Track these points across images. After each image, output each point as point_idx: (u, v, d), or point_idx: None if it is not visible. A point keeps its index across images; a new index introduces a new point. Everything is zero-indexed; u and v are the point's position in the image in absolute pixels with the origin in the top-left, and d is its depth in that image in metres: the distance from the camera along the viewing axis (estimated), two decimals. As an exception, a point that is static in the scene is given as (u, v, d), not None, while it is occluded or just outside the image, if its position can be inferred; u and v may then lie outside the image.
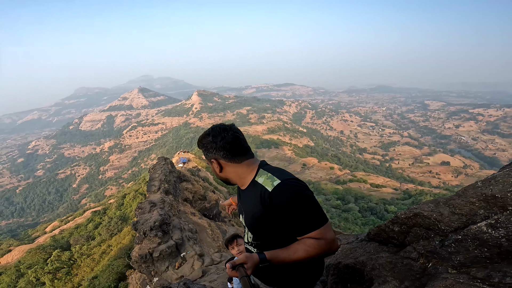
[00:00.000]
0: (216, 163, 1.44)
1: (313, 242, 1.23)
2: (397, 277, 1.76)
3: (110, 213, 36.56)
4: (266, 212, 1.32)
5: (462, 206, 1.70)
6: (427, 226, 1.85)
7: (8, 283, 26.10)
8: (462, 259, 1.54)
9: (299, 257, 1.24)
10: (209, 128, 1.45)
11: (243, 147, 1.42)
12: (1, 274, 28.65)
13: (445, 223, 1.74)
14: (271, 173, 1.35)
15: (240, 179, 1.46)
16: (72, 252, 27.44)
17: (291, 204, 1.24)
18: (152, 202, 16.47)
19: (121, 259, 16.44)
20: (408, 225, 1.99)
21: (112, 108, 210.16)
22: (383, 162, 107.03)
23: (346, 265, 2.21)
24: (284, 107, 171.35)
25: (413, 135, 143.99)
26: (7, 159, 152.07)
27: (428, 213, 1.84)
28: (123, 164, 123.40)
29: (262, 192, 1.31)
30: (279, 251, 1.27)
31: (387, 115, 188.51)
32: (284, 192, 1.26)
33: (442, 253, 1.68)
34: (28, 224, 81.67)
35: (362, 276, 2.06)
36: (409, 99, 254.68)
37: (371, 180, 64.90)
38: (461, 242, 1.58)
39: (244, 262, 1.20)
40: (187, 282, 4.87)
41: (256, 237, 1.49)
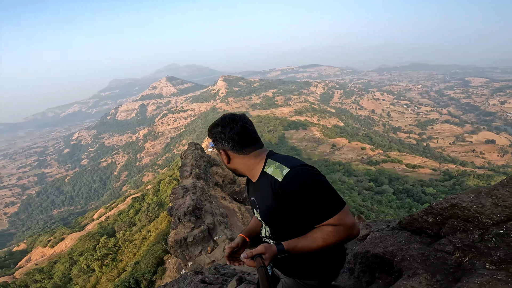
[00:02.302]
0: (224, 154, 1.41)
1: (331, 229, 1.19)
2: (428, 270, 1.65)
3: (148, 199, 38.16)
4: (280, 203, 1.28)
5: (506, 198, 1.53)
6: (465, 218, 1.67)
7: (63, 271, 28.69)
8: (502, 254, 1.45)
9: (317, 246, 1.21)
10: (219, 118, 1.41)
11: (252, 138, 1.38)
12: (56, 262, 31.70)
13: (486, 216, 1.57)
14: (279, 162, 1.31)
15: (249, 171, 1.42)
16: (117, 238, 29.27)
17: (304, 192, 1.20)
18: (185, 188, 16.96)
19: (159, 244, 17.27)
20: (444, 216, 1.82)
21: (143, 97, 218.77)
22: (420, 141, 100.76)
23: (374, 254, 2.13)
24: (310, 88, 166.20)
25: (454, 112, 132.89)
26: (54, 150, 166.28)
27: (467, 204, 1.66)
28: (157, 150, 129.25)
29: (272, 183, 1.28)
30: (297, 240, 1.25)
31: (423, 92, 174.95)
32: (295, 180, 1.22)
33: (481, 248, 1.55)
34: (78, 212, 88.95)
35: (391, 266, 1.96)
36: (447, 76, 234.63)
37: (407, 160, 61.57)
38: (502, 237, 1.47)
39: (262, 253, 1.19)
40: (218, 266, 4.90)
41: (273, 230, 1.45)
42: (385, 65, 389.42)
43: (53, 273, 29.56)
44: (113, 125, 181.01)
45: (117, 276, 20.06)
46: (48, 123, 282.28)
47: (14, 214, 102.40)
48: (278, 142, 73.34)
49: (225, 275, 4.14)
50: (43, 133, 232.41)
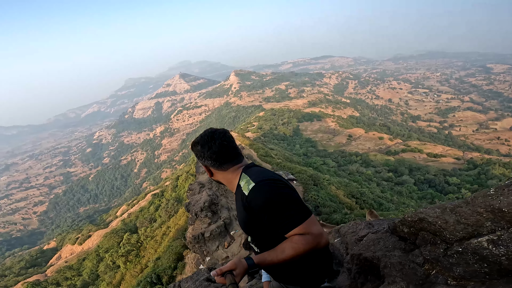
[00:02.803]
0: (206, 169, 1.56)
1: (299, 238, 1.21)
2: (405, 279, 1.75)
3: (167, 195, 38.96)
4: (250, 216, 1.36)
5: (468, 216, 1.61)
6: (433, 231, 1.76)
7: (91, 268, 29.97)
8: (462, 271, 1.53)
9: (287, 256, 1.21)
10: (199, 135, 1.52)
11: (229, 155, 1.48)
12: (84, 259, 33.07)
13: (449, 232, 1.65)
14: (249, 176, 1.39)
15: (229, 184, 1.54)
16: (139, 234, 30.24)
17: (267, 204, 1.26)
18: (201, 183, 17.14)
19: (178, 240, 17.63)
20: (416, 228, 1.89)
21: (158, 95, 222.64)
22: (441, 130, 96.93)
23: (365, 258, 2.22)
24: (323, 79, 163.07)
25: (476, 99, 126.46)
26: (77, 150, 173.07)
27: (433, 219, 1.75)
28: (174, 147, 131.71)
29: (242, 196, 1.38)
30: (266, 253, 1.27)
31: (442, 80, 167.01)
32: (259, 193, 1.29)
33: (444, 262, 1.64)
34: (102, 209, 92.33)
35: (379, 271, 2.03)
36: (467, 63, 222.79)
37: (428, 150, 59.38)
38: (462, 254, 1.55)
39: (233, 269, 1.19)
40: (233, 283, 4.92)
41: (251, 238, 1.56)
42: (400, 54, 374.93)
43: (82, 270, 30.92)
44: (131, 123, 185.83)
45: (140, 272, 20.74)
46: (70, 123, 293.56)
47: (43, 213, 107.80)
48: (292, 135, 72.67)
49: None
50: (66, 134, 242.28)
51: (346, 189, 27.56)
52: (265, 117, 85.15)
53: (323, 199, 19.96)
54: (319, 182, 25.42)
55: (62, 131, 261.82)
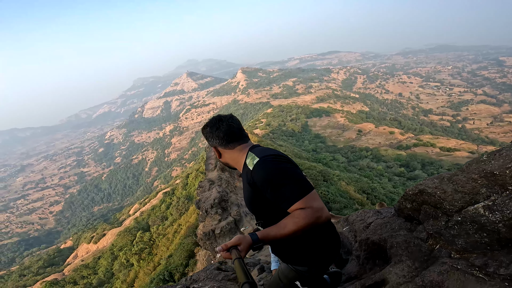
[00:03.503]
0: (215, 150, 1.64)
1: (300, 212, 1.23)
2: (411, 257, 1.71)
3: (178, 193, 39.29)
4: (254, 191, 1.43)
5: (464, 184, 1.58)
6: (434, 204, 1.72)
7: (106, 266, 30.58)
8: (463, 243, 1.52)
9: (290, 230, 1.22)
10: (209, 120, 1.63)
11: (236, 135, 1.56)
12: (100, 258, 33.76)
13: (449, 202, 1.62)
14: (254, 153, 1.45)
15: (236, 163, 1.60)
16: (151, 232, 30.67)
17: (270, 177, 1.31)
18: (211, 180, 17.22)
19: (189, 237, 17.81)
20: (418, 202, 1.86)
21: (167, 94, 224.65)
22: (455, 123, 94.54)
23: (373, 241, 2.19)
24: (331, 75, 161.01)
25: (489, 92, 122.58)
26: (90, 150, 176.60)
27: (432, 190, 1.72)
28: (184, 145, 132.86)
29: (247, 172, 1.44)
30: (269, 229, 1.28)
31: (454, 73, 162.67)
32: (262, 167, 1.36)
33: (446, 235, 1.62)
34: (115, 208, 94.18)
35: (386, 253, 1.99)
36: (479, 56, 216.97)
37: (441, 144, 57.97)
38: (461, 224, 1.53)
39: (238, 244, 1.21)
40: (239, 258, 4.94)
41: (257, 216, 1.60)
42: (409, 48, 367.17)
43: (98, 268, 31.60)
44: (141, 122, 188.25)
45: (153, 270, 21.06)
46: (82, 124, 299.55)
47: (59, 212, 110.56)
48: (301, 131, 72.19)
49: (247, 265, 4.19)
50: (79, 134, 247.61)
51: (356, 185, 27.22)
52: (273, 114, 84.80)
53: (333, 194, 19.78)
54: (329, 178, 25.19)
55: (75, 131, 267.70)
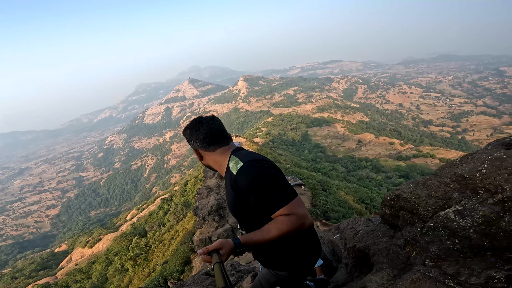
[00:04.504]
0: (196, 153, 1.59)
1: (283, 218, 1.22)
2: (390, 265, 1.69)
3: (176, 200, 39.23)
4: (237, 196, 1.38)
5: (437, 188, 1.56)
6: (410, 209, 1.70)
7: (100, 271, 30.25)
8: (437, 250, 1.48)
9: (273, 236, 1.22)
10: (189, 121, 1.58)
11: (217, 137, 1.51)
12: (94, 262, 33.43)
13: (423, 207, 1.60)
14: (238, 157, 1.42)
15: (218, 167, 1.55)
16: (148, 238, 30.39)
17: (253, 183, 1.29)
18: (209, 187, 17.19)
19: (186, 243, 17.69)
20: (396, 207, 1.83)
21: (168, 100, 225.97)
22: (455, 135, 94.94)
23: (359, 248, 2.16)
24: (332, 84, 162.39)
25: (490, 103, 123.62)
26: (90, 154, 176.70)
27: (407, 195, 1.70)
28: (183, 152, 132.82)
29: (231, 177, 1.40)
30: (252, 233, 1.27)
31: (455, 84, 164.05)
32: (246, 172, 1.32)
33: (421, 242, 1.59)
34: (113, 213, 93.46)
35: (370, 260, 1.96)
36: (480, 66, 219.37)
37: (441, 155, 57.99)
38: (434, 230, 1.50)
39: (219, 248, 1.19)
40: (234, 263, 4.93)
41: (239, 221, 1.56)
42: (411, 57, 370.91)
43: (92, 273, 31.22)
44: (142, 128, 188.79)
45: (148, 275, 20.81)
46: (84, 128, 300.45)
47: (56, 216, 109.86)
48: (301, 140, 72.31)
49: (241, 271, 4.14)
50: (79, 139, 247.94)
51: (355, 195, 27.13)
52: (273, 123, 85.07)
53: (332, 204, 19.70)
54: (328, 188, 25.13)
55: (76, 136, 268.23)
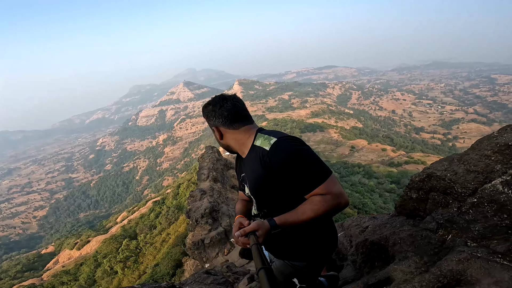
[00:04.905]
0: (217, 131, 1.49)
1: (319, 198, 1.18)
2: (417, 252, 1.57)
3: (168, 203, 38.81)
4: (267, 173, 1.29)
5: (476, 162, 1.44)
6: (443, 189, 1.57)
7: (88, 273, 29.62)
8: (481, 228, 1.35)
9: (308, 217, 1.19)
10: (211, 98, 1.52)
11: (241, 115, 1.45)
12: (82, 264, 32.79)
13: (461, 184, 1.47)
14: (267, 134, 1.36)
15: (240, 146, 1.47)
16: (138, 241, 30.00)
17: (289, 159, 1.21)
18: (202, 190, 17.09)
19: (178, 246, 17.51)
20: (425, 189, 1.70)
21: (162, 103, 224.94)
22: (445, 142, 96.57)
23: (372, 241, 2.04)
24: (327, 89, 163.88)
25: (480, 111, 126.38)
26: (80, 156, 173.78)
27: (441, 173, 1.57)
28: (176, 155, 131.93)
29: (260, 153, 1.30)
30: (287, 214, 1.23)
31: (446, 91, 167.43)
32: (281, 148, 1.25)
33: (460, 222, 1.46)
34: (102, 215, 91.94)
35: (387, 252, 1.85)
36: (472, 73, 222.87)
37: (431, 161, 56.89)
38: (478, 207, 1.37)
39: (255, 230, 1.17)
40: (230, 265, 4.91)
41: (261, 205, 1.45)
42: (405, 64, 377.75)
43: (79, 275, 30.57)
44: (134, 130, 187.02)
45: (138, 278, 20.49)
46: (75, 129, 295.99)
47: (43, 217, 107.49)
48: (295, 145, 72.65)
49: (237, 273, 4.11)
50: (70, 139, 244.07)
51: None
52: (267, 127, 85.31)
53: (325, 208, 19.81)
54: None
55: (67, 136, 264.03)
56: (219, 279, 3.39)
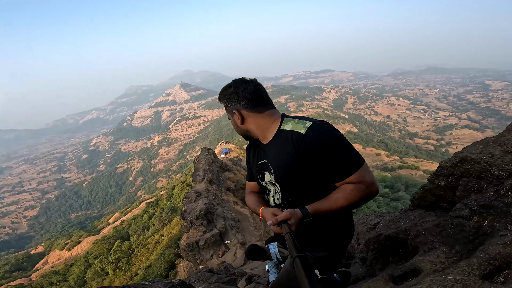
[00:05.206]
0: (238, 114, 1.37)
1: (352, 187, 1.16)
2: (446, 242, 1.50)
3: (162, 204, 38.64)
4: (300, 158, 1.23)
5: None
6: (477, 174, 1.52)
7: (78, 274, 29.16)
8: None
9: (341, 205, 1.18)
10: (231, 81, 1.41)
11: (264, 98, 1.36)
12: (72, 265, 32.27)
13: (498, 167, 1.42)
14: (298, 119, 1.30)
15: (262, 131, 1.37)
16: (131, 242, 29.67)
17: (327, 144, 1.17)
18: (198, 192, 16.98)
19: (171, 248, 17.35)
20: (456, 175, 1.63)
21: (158, 104, 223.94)
22: (439, 147, 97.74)
23: (387, 236, 1.96)
24: (323, 94, 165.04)
25: (474, 117, 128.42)
26: (73, 156, 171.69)
27: (476, 156, 1.51)
28: (171, 156, 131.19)
29: (293, 137, 1.24)
30: (319, 202, 1.21)
31: (440, 97, 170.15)
32: (319, 132, 1.19)
33: (498, 206, 1.41)
34: (94, 216, 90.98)
35: (406, 246, 1.78)
36: (466, 79, 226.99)
37: (425, 167, 59.53)
38: None
39: (288, 218, 1.15)
40: (227, 266, 4.85)
41: (288, 193, 1.36)
42: (400, 69, 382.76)
43: (69, 275, 30.11)
44: (129, 131, 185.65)
45: (130, 280, 20.20)
46: (68, 129, 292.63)
47: (34, 217, 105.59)
48: (290, 148, 72.85)
49: (235, 274, 4.06)
50: (63, 139, 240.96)
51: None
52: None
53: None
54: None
55: (60, 136, 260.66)
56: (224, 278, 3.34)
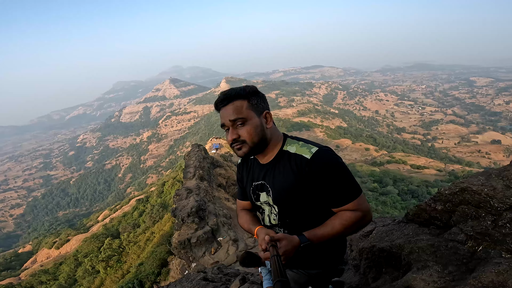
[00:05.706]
0: (269, 116, 1.35)
1: (349, 214, 1.20)
2: (439, 262, 1.52)
3: (152, 201, 38.29)
4: (301, 182, 1.23)
5: None
6: (476, 203, 1.55)
7: (68, 273, 28.80)
8: None
9: (337, 232, 1.20)
10: (248, 86, 1.38)
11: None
12: (61, 263, 31.81)
13: (498, 199, 1.45)
14: (302, 142, 1.30)
15: (271, 142, 1.34)
16: (121, 240, 29.38)
17: (331, 172, 1.20)
18: (189, 189, 16.95)
19: (163, 245, 17.30)
20: (454, 202, 1.68)
21: (147, 99, 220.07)
22: (425, 142, 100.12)
23: (381, 248, 1.97)
24: (313, 89, 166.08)
25: (459, 112, 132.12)
26: (60, 152, 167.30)
27: (478, 187, 1.53)
28: (161, 152, 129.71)
29: (297, 160, 1.24)
30: (317, 229, 1.23)
31: (427, 93, 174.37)
32: (325, 158, 1.21)
33: (495, 235, 1.43)
34: (83, 213, 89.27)
35: (399, 260, 1.82)
36: (452, 76, 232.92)
37: (412, 161, 61.07)
38: None
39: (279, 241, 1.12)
40: (221, 266, 4.92)
41: (284, 214, 1.35)
42: (388, 66, 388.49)
43: (58, 274, 29.72)
44: (118, 127, 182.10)
45: (122, 278, 20.11)
46: (54, 125, 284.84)
47: (20, 216, 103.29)
48: (281, 144, 73.38)
49: (228, 275, 4.11)
50: (49, 136, 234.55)
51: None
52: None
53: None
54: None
55: (45, 133, 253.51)
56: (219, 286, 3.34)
